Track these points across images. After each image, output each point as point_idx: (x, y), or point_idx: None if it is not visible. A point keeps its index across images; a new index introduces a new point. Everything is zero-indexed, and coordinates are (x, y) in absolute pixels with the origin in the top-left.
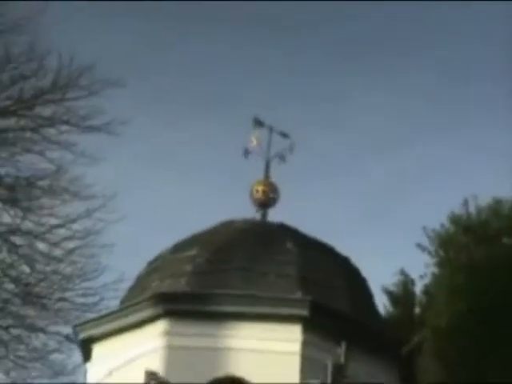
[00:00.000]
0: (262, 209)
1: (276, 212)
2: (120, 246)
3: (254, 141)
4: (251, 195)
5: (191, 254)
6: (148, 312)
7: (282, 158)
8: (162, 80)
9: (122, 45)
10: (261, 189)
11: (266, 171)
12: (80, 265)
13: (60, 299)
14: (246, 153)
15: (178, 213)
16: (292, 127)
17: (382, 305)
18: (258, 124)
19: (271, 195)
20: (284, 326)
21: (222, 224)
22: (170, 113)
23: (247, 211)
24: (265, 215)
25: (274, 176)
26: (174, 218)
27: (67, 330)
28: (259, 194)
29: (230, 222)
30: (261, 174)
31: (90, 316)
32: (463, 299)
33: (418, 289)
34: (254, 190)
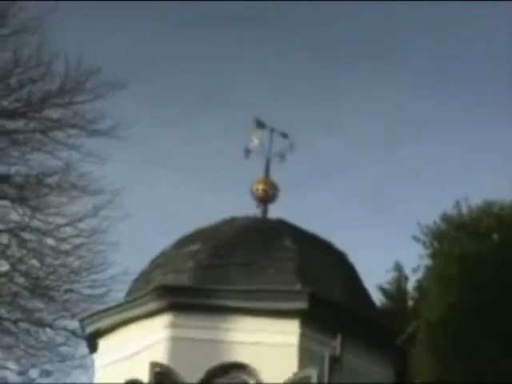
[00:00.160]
0: (262, 206)
1: (276, 209)
2: (125, 242)
3: (255, 141)
4: (252, 193)
5: (194, 249)
6: (152, 305)
7: (281, 158)
8: (165, 82)
9: (121, 47)
10: (261, 187)
11: (267, 170)
12: (87, 259)
13: (67, 291)
14: (247, 152)
15: (182, 210)
16: (291, 127)
17: (377, 299)
18: (259, 125)
19: (271, 193)
20: (283, 318)
21: (224, 221)
22: (174, 114)
23: (248, 208)
24: (265, 212)
25: (274, 174)
26: (177, 215)
27: (74, 324)
28: (260, 192)
29: (232, 218)
30: (261, 172)
31: (96, 308)
32: (455, 291)
33: (411, 285)
34: (254, 188)
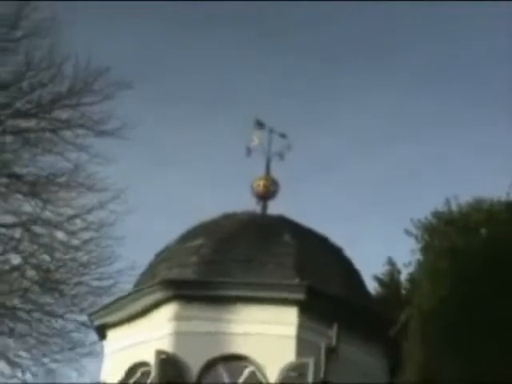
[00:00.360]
0: (262, 202)
1: (275, 205)
2: (131, 237)
3: (255, 140)
4: (253, 190)
5: (197, 244)
6: (157, 297)
7: (280, 156)
8: (170, 83)
9: (128, 48)
10: (262, 184)
11: (267, 168)
12: (95, 253)
13: (77, 284)
14: (248, 151)
15: (185, 206)
16: (291, 127)
17: (372, 288)
18: (259, 125)
19: (271, 190)
20: (281, 310)
21: (226, 216)
22: (178, 115)
23: (249, 204)
24: (265, 208)
25: (273, 172)
26: (181, 211)
27: (83, 318)
28: (260, 189)
29: (233, 214)
30: (262, 170)
31: (104, 300)
32: (445, 284)
33: (404, 277)
34: (255, 185)
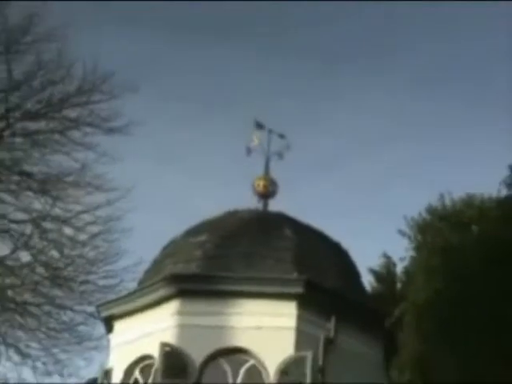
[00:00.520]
0: (263, 200)
1: (275, 203)
2: (137, 232)
3: (255, 140)
4: (253, 188)
5: (201, 239)
6: (162, 291)
7: (280, 156)
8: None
9: (128, 52)
10: (262, 183)
11: (266, 167)
12: (102, 249)
13: (84, 282)
14: (248, 151)
15: (189, 204)
16: (290, 127)
17: (368, 282)
18: (259, 126)
19: (271, 188)
20: (281, 303)
21: (228, 213)
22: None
23: (250, 203)
24: (265, 205)
25: (273, 172)
26: (185, 209)
27: (91, 309)
28: (260, 187)
29: (235, 211)
30: (261, 169)
31: (111, 297)
32: (438, 280)
33: (399, 270)
34: (255, 184)
